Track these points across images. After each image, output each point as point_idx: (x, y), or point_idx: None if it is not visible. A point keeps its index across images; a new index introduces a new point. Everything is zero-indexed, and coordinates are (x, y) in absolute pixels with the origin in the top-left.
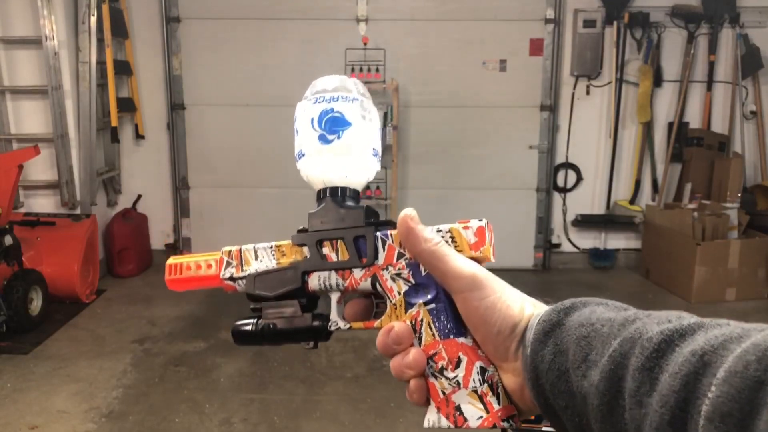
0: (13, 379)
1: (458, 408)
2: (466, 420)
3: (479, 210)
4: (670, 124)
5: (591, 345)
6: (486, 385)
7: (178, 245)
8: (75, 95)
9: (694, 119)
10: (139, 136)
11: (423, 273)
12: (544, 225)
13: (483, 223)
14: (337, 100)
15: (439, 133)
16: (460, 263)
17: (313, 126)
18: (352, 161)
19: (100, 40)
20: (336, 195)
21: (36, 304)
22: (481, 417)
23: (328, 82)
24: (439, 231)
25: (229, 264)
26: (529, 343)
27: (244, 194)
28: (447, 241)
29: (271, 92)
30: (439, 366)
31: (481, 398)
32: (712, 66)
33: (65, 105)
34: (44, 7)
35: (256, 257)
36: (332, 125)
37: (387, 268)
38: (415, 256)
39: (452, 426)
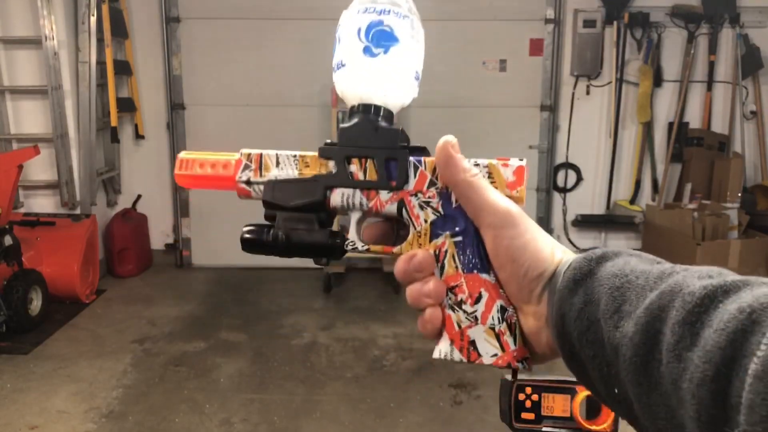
0: (13, 379)
1: (473, 343)
2: (479, 356)
3: None
4: (670, 124)
5: (625, 296)
6: (504, 324)
7: (178, 245)
8: (75, 95)
9: (694, 119)
10: (138, 136)
11: (453, 205)
12: (544, 225)
13: (523, 162)
14: (388, 14)
15: (439, 133)
16: (497, 198)
17: (359, 36)
18: (394, 80)
19: (100, 40)
20: (371, 112)
21: (36, 304)
22: (496, 355)
23: None
24: (477, 165)
25: (247, 167)
26: (558, 290)
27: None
28: (484, 176)
29: (271, 92)
30: (459, 298)
31: (497, 336)
32: (712, 66)
33: (65, 105)
34: (44, 7)
35: (278, 164)
36: (380, 39)
37: (416, 195)
38: (451, 185)
39: (464, 360)
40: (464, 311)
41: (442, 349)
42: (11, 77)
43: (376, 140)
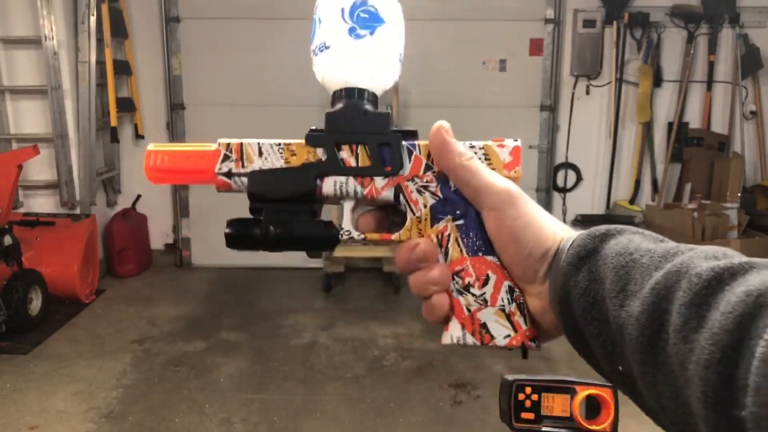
0: (12, 379)
1: (484, 326)
2: (493, 338)
3: None
4: (670, 124)
5: (630, 275)
6: (514, 304)
7: (178, 245)
8: (74, 95)
9: (694, 119)
10: (138, 136)
11: (452, 188)
12: None
13: (518, 143)
14: None
15: None
16: (495, 178)
17: (343, 17)
18: (381, 62)
19: (100, 40)
20: (357, 96)
21: (36, 304)
22: (509, 336)
23: None
24: (471, 147)
25: (227, 158)
26: (562, 267)
27: (245, 194)
28: (480, 158)
29: (271, 92)
30: (466, 282)
31: (508, 317)
32: (712, 66)
33: (65, 105)
34: (44, 7)
35: (261, 154)
36: (365, 20)
37: (413, 180)
38: (446, 170)
39: (478, 343)
40: (473, 294)
41: (454, 334)
42: (11, 77)
43: (366, 125)
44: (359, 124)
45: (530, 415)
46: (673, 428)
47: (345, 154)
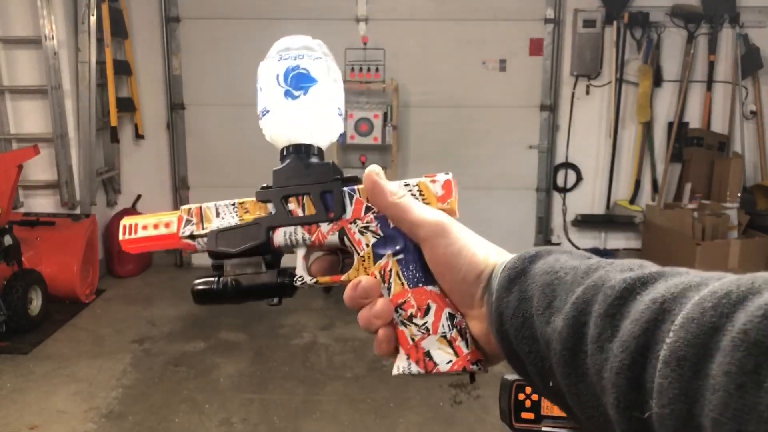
0: (12, 379)
1: (428, 353)
2: (436, 365)
3: (479, 210)
4: (670, 124)
5: (555, 292)
6: (455, 330)
7: None
8: (75, 95)
9: (694, 119)
10: (138, 136)
11: (391, 225)
12: (543, 225)
13: (449, 176)
14: (303, 58)
15: (439, 133)
16: (426, 212)
17: (278, 82)
18: (318, 118)
19: (100, 40)
20: (301, 152)
21: (36, 304)
22: (451, 361)
23: (291, 41)
24: (406, 185)
25: (189, 222)
26: (494, 290)
27: (244, 194)
28: (414, 195)
29: None
30: (408, 313)
31: (450, 343)
32: (712, 66)
33: (65, 105)
34: (44, 7)
35: (218, 214)
36: (298, 81)
37: (355, 222)
38: (382, 209)
39: (422, 371)
40: (415, 324)
41: (400, 365)
42: (11, 77)
43: (309, 177)
44: (303, 176)
45: (530, 415)
46: None
47: (293, 205)
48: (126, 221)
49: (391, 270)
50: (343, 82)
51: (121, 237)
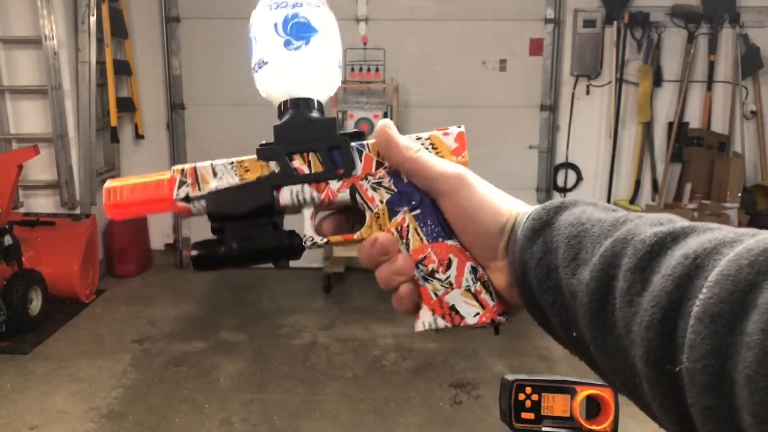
0: (12, 379)
1: (453, 308)
2: (463, 318)
3: None
4: (670, 124)
5: (581, 244)
6: (479, 283)
7: (178, 245)
8: (75, 95)
9: (694, 119)
10: (138, 136)
11: (405, 181)
12: None
13: (462, 128)
14: (301, 6)
15: None
16: (445, 165)
17: (277, 31)
18: (319, 70)
19: (100, 40)
20: (303, 106)
21: (36, 304)
22: (478, 314)
23: None
24: (418, 138)
25: (183, 183)
26: (518, 240)
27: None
28: (428, 149)
29: None
30: (430, 269)
31: (475, 296)
32: (712, 66)
33: (65, 105)
34: (44, 7)
35: (215, 174)
36: (299, 31)
37: (366, 178)
38: (396, 165)
39: (449, 325)
40: (438, 279)
41: (425, 320)
42: (11, 77)
43: (313, 132)
44: (307, 132)
45: (530, 415)
46: (624, 389)
47: (297, 163)
48: (110, 184)
49: (408, 226)
50: (342, 82)
51: (105, 202)
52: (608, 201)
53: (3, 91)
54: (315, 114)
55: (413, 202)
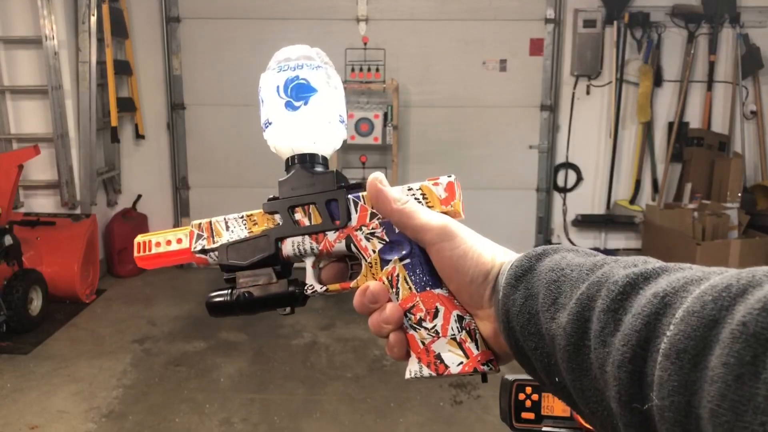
0: (13, 379)
1: (438, 356)
2: (447, 367)
3: (479, 210)
4: (670, 124)
5: (560, 289)
6: (464, 332)
7: None
8: (75, 95)
9: (694, 119)
10: (139, 136)
11: (396, 231)
12: (544, 225)
13: (452, 178)
14: (302, 68)
15: (439, 133)
16: (430, 216)
17: (278, 93)
18: (319, 127)
19: (100, 40)
20: (305, 161)
21: (36, 304)
22: (461, 363)
23: (291, 51)
24: (410, 189)
25: (200, 237)
26: (501, 288)
27: (244, 194)
28: (418, 199)
29: None
30: (417, 318)
31: (460, 345)
32: (712, 66)
33: (65, 105)
34: (44, 7)
35: (227, 228)
36: (298, 92)
37: (361, 229)
38: (386, 216)
39: (434, 374)
40: (425, 328)
41: (412, 368)
42: (11, 77)
43: (314, 186)
44: (308, 186)
45: (530, 415)
46: (604, 431)
47: (299, 215)
48: (140, 239)
49: (398, 275)
50: (343, 82)
51: (135, 254)
52: (608, 201)
53: (3, 91)
54: (318, 168)
55: (403, 252)
